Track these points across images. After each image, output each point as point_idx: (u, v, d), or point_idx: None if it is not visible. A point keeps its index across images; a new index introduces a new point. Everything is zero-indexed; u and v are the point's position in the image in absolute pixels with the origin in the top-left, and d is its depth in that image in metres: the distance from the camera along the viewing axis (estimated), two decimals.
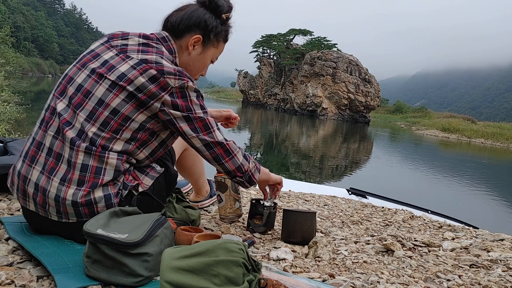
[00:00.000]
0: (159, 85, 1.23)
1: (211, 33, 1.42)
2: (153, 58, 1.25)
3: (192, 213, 1.63)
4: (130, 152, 1.27)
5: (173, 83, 1.24)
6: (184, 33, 1.39)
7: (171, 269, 0.90)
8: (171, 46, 1.37)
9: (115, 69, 1.23)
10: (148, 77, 1.22)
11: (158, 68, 1.23)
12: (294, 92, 39.97)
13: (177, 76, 1.25)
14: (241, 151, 1.42)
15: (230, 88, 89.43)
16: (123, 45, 1.30)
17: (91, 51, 1.32)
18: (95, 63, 1.27)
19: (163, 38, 1.37)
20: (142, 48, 1.29)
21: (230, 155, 1.37)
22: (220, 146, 1.34)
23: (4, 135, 5.26)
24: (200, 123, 1.30)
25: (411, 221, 2.46)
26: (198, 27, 1.40)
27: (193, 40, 1.39)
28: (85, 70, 1.27)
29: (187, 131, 1.29)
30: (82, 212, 1.21)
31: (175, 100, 1.25)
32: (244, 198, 2.44)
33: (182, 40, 1.40)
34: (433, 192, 9.35)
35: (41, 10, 77.25)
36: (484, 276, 1.46)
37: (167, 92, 1.24)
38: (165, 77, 1.23)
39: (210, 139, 1.32)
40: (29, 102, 9.93)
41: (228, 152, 1.36)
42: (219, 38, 1.46)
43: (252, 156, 2.55)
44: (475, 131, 32.72)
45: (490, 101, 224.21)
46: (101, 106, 1.22)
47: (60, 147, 1.21)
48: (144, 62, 1.24)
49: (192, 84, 1.28)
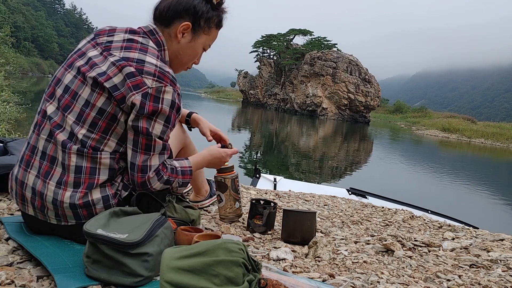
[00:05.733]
0: (135, 82, 1.19)
1: (201, 19, 1.36)
2: (135, 55, 1.22)
3: (192, 213, 1.63)
4: (122, 151, 1.27)
5: (150, 84, 1.20)
6: (172, 21, 1.34)
7: (171, 269, 0.90)
8: (158, 38, 1.33)
9: (96, 67, 1.22)
10: (125, 73, 1.19)
11: (138, 66, 1.20)
12: (294, 92, 39.96)
13: (155, 78, 1.21)
14: (163, 178, 1.30)
15: (230, 88, 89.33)
16: (108, 42, 1.27)
17: (78, 50, 1.31)
18: (80, 62, 1.26)
19: (150, 31, 1.33)
20: (126, 44, 1.26)
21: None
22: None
23: (4, 135, 5.25)
24: (145, 141, 1.23)
25: (411, 221, 2.46)
26: (187, 13, 1.34)
27: (182, 27, 1.34)
28: (72, 71, 1.26)
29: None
30: (80, 214, 1.21)
31: (144, 101, 1.19)
32: (244, 198, 2.44)
33: (171, 28, 1.35)
34: (433, 192, 9.35)
35: (41, 10, 77.23)
36: (484, 276, 1.46)
37: (141, 91, 1.19)
38: (143, 76, 1.20)
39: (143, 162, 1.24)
40: (29, 102, 9.93)
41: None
42: (211, 24, 1.39)
43: (252, 156, 2.54)
44: (475, 131, 32.71)
45: (490, 101, 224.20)
46: (88, 107, 1.20)
47: (54, 150, 1.21)
48: (125, 59, 1.21)
49: (171, 89, 1.23)
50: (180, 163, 1.39)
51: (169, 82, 1.23)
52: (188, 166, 1.40)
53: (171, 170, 1.33)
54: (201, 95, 74.44)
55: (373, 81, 37.56)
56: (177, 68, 1.43)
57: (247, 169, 8.60)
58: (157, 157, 1.27)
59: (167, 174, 1.31)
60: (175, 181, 1.33)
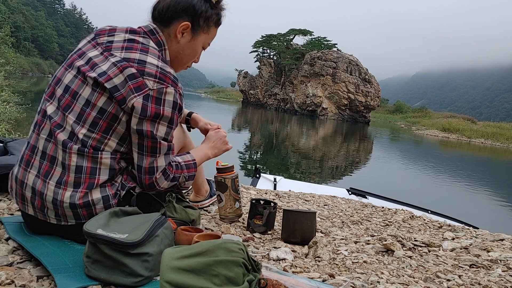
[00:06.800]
0: (136, 84, 1.19)
1: (200, 19, 1.36)
2: (136, 56, 1.22)
3: (192, 213, 1.63)
4: (123, 151, 1.27)
5: (151, 85, 1.20)
6: (171, 21, 1.34)
7: (171, 269, 0.90)
8: (159, 38, 1.33)
9: (97, 67, 1.22)
10: (126, 74, 1.19)
11: (139, 68, 1.20)
12: (294, 92, 39.97)
13: (157, 79, 1.20)
14: (170, 176, 1.32)
15: (230, 88, 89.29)
16: (108, 42, 1.27)
17: (78, 50, 1.31)
18: (80, 61, 1.25)
19: (151, 31, 1.32)
20: (127, 44, 1.25)
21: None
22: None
23: (4, 135, 5.26)
24: (151, 143, 1.24)
25: (411, 221, 2.46)
26: (186, 13, 1.33)
27: (181, 27, 1.33)
28: (72, 70, 1.26)
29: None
30: (80, 214, 1.21)
31: (146, 103, 1.19)
32: (244, 198, 2.44)
33: (170, 28, 1.34)
34: (433, 192, 9.35)
35: (41, 10, 77.24)
36: (484, 276, 1.46)
37: (142, 93, 1.19)
38: (144, 77, 1.19)
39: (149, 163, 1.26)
40: (29, 102, 9.94)
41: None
42: (210, 23, 1.39)
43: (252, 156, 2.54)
44: (475, 131, 32.73)
45: (490, 101, 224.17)
46: (88, 106, 1.20)
47: (54, 150, 1.21)
48: (126, 60, 1.21)
49: (172, 89, 1.23)
50: (183, 158, 1.41)
51: (170, 82, 1.23)
52: (191, 159, 1.43)
53: (176, 167, 1.35)
54: (201, 95, 74.45)
55: (373, 81, 37.57)
56: (178, 67, 1.43)
57: (247, 169, 8.61)
58: (163, 158, 1.28)
59: (173, 171, 1.33)
60: (181, 176, 1.36)
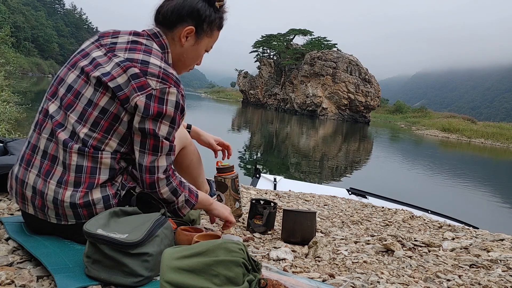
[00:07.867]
0: (139, 83, 1.19)
1: (204, 23, 1.37)
2: (139, 57, 1.23)
3: (192, 213, 1.63)
4: (123, 152, 1.27)
5: (154, 85, 1.20)
6: (176, 24, 1.34)
7: (171, 269, 0.90)
8: (162, 41, 1.34)
9: (100, 67, 1.22)
10: (130, 74, 1.19)
11: (142, 68, 1.21)
12: (294, 92, 39.96)
13: (159, 79, 1.21)
14: (172, 184, 1.30)
15: (230, 88, 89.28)
16: (112, 43, 1.28)
17: (82, 50, 1.31)
18: (84, 62, 1.26)
19: (154, 34, 1.33)
20: (131, 46, 1.26)
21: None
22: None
23: (4, 135, 5.26)
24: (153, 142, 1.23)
25: (411, 221, 2.46)
26: (191, 17, 1.34)
27: (186, 31, 1.34)
28: (75, 70, 1.26)
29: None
30: (80, 214, 1.21)
31: (149, 103, 1.20)
32: (244, 198, 2.44)
33: (174, 32, 1.35)
34: (433, 192, 9.35)
35: (41, 10, 77.22)
36: (484, 276, 1.46)
37: (145, 93, 1.19)
38: (147, 77, 1.20)
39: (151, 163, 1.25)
40: (29, 102, 9.94)
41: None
42: (213, 27, 1.40)
43: (252, 156, 2.54)
44: (475, 131, 32.73)
45: (490, 101, 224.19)
46: (90, 106, 1.21)
47: (55, 149, 1.21)
48: (129, 60, 1.22)
49: (175, 90, 1.23)
50: (189, 183, 1.41)
51: (173, 83, 1.24)
52: (195, 189, 1.42)
53: (180, 182, 1.34)
54: (201, 95, 74.47)
55: (373, 81, 37.56)
56: (180, 69, 1.45)
57: (247, 169, 8.61)
58: (164, 158, 1.27)
59: (176, 182, 1.32)
60: (181, 194, 1.34)
